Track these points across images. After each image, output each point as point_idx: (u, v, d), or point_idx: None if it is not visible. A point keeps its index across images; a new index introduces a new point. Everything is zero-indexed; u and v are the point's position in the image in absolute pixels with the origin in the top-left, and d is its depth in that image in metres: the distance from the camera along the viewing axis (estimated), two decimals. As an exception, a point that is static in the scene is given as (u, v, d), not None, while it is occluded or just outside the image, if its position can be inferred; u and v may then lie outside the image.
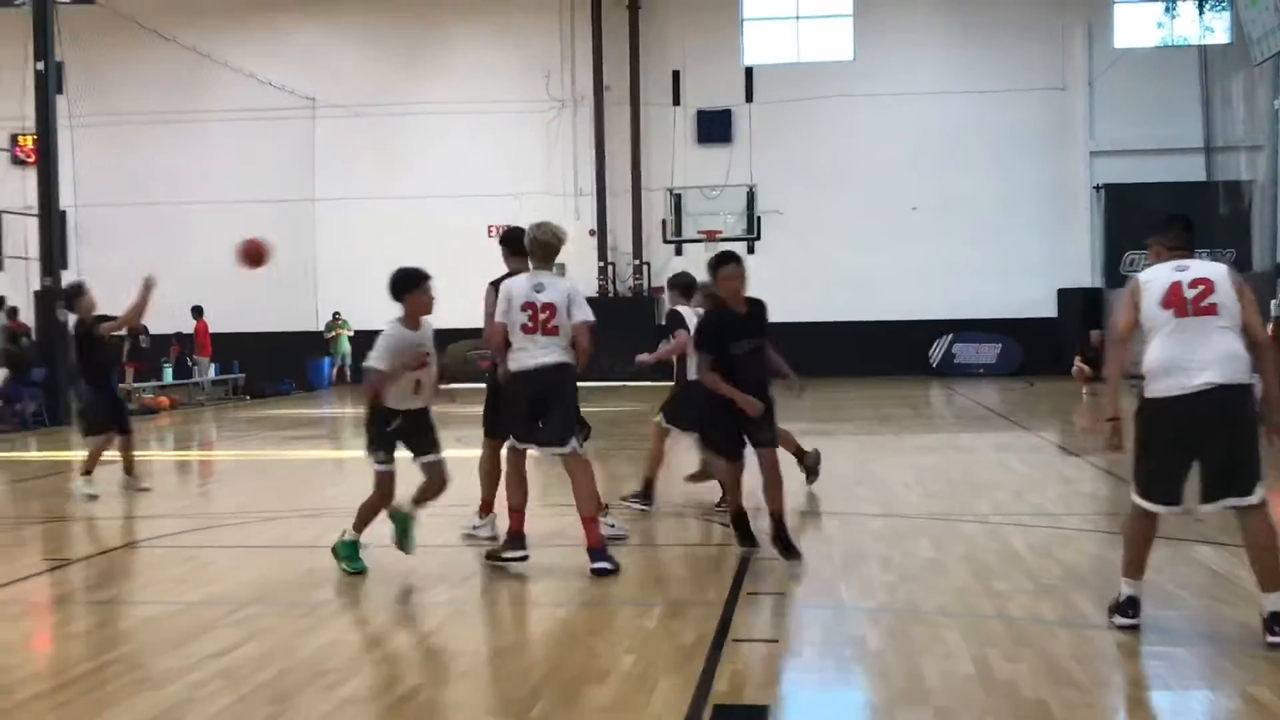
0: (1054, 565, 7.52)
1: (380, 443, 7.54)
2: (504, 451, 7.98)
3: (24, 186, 25.16)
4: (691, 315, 10.11)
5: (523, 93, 30.20)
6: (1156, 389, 5.70)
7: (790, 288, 28.69)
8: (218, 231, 29.95)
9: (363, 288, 31.06)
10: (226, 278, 28.87)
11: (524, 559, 7.65)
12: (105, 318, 11.91)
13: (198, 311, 25.79)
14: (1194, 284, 5.68)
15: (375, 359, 7.32)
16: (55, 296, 20.16)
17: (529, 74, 30.23)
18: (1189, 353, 5.60)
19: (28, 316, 22.58)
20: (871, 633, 6.02)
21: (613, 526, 8.51)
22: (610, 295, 30.10)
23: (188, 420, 22.24)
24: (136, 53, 29.15)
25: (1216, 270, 5.78)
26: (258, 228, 33.11)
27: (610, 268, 30.16)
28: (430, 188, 29.46)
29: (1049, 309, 29.43)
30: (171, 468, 15.69)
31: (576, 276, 29.70)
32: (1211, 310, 5.63)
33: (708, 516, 9.66)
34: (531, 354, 7.48)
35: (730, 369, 7.54)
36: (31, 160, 24.66)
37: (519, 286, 7.63)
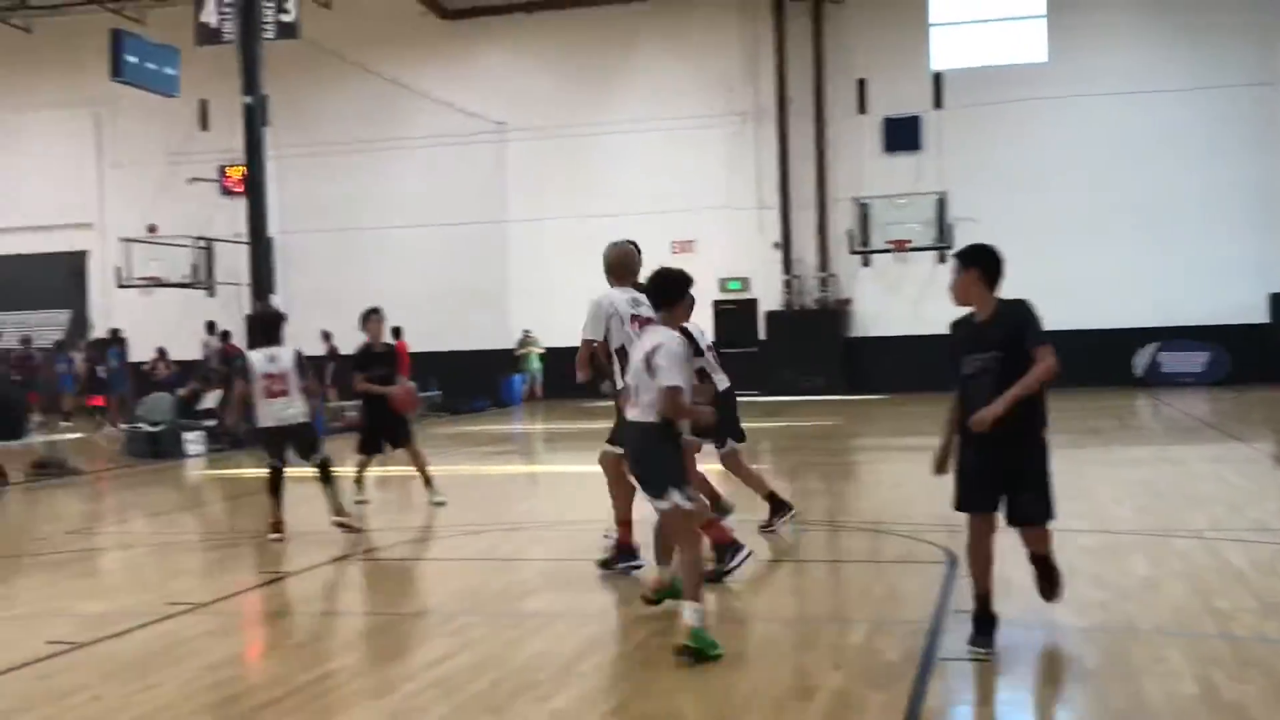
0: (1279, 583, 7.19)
1: (682, 475, 6.21)
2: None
3: (233, 216, 26.45)
4: (694, 329, 9.58)
5: (706, 108, 30.34)
6: None
7: (984, 297, 28.18)
8: (415, 254, 31.13)
9: (552, 305, 31.88)
10: (423, 299, 30.01)
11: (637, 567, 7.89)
12: (383, 352, 12.46)
13: (397, 332, 26.63)
14: None
15: (675, 375, 6.02)
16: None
17: (712, 89, 30.37)
18: None
19: (232, 341, 23.71)
20: (1088, 652, 5.86)
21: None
22: (796, 309, 29.97)
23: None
24: (337, 84, 30.39)
25: None
26: (452, 250, 34.29)
27: (795, 280, 30.02)
28: (616, 206, 29.77)
29: (1259, 314, 28.07)
30: (375, 483, 16.22)
31: (761, 290, 30.10)
32: None
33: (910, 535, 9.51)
34: None
35: (962, 394, 6.00)
36: (239, 190, 25.88)
37: (622, 303, 7.85)
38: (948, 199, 27.76)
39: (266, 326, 10.45)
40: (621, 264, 8.19)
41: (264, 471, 10.21)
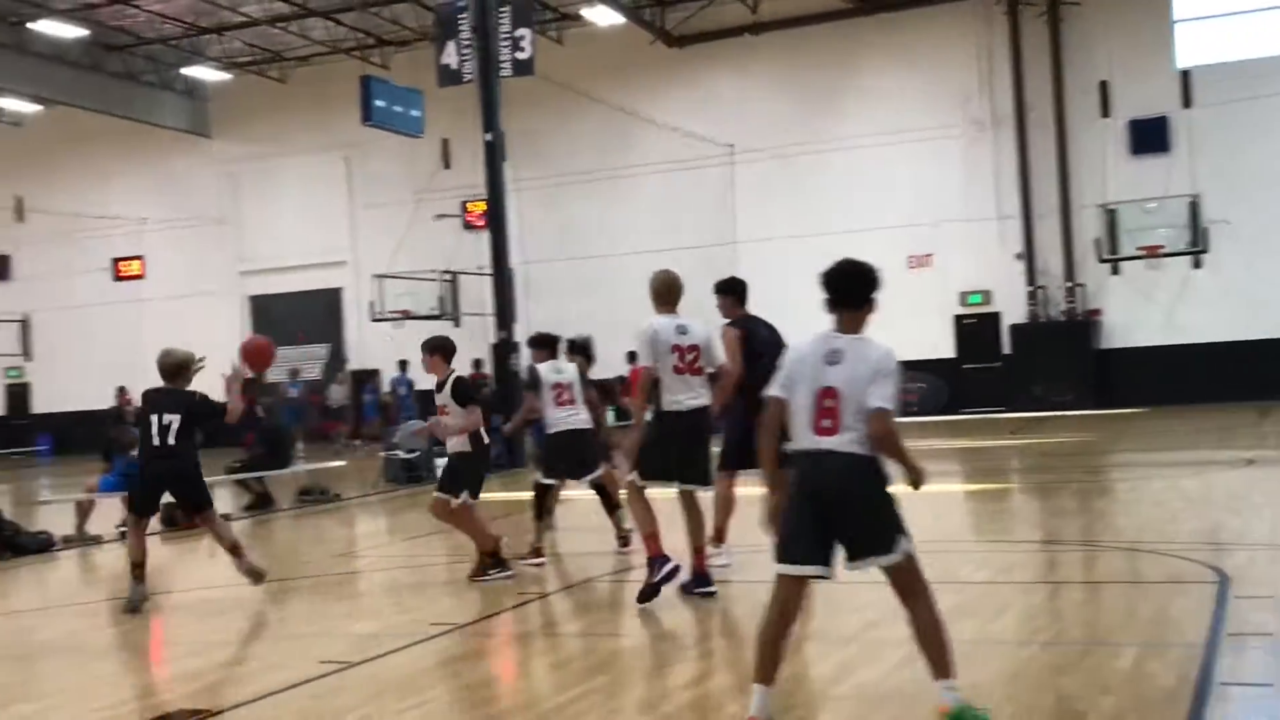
0: None
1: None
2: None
3: (476, 249, 27.37)
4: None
5: (940, 119, 29.69)
6: None
7: (1245, 303, 26.62)
8: (648, 277, 31.53)
9: (784, 321, 31.64)
10: (658, 323, 30.21)
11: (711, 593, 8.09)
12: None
13: (632, 357, 27.00)
14: None
15: (891, 399, 4.95)
16: (509, 349, 21.74)
17: (946, 100, 29.73)
18: None
19: (483, 369, 24.51)
20: (1382, 679, 5.47)
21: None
22: (1042, 320, 29.01)
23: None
24: (571, 116, 31.08)
25: None
26: (684, 270, 34.19)
27: (1040, 291, 29.07)
28: (848, 222, 29.42)
29: None
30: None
31: (1004, 303, 29.22)
32: None
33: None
34: (687, 394, 8.03)
35: None
36: (481, 224, 26.79)
37: (668, 330, 8.13)
38: (1200, 201, 26.42)
39: (544, 343, 11.12)
40: (667, 290, 8.45)
41: (503, 495, 10.53)
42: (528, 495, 11.19)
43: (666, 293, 8.46)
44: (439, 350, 9.80)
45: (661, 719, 5.55)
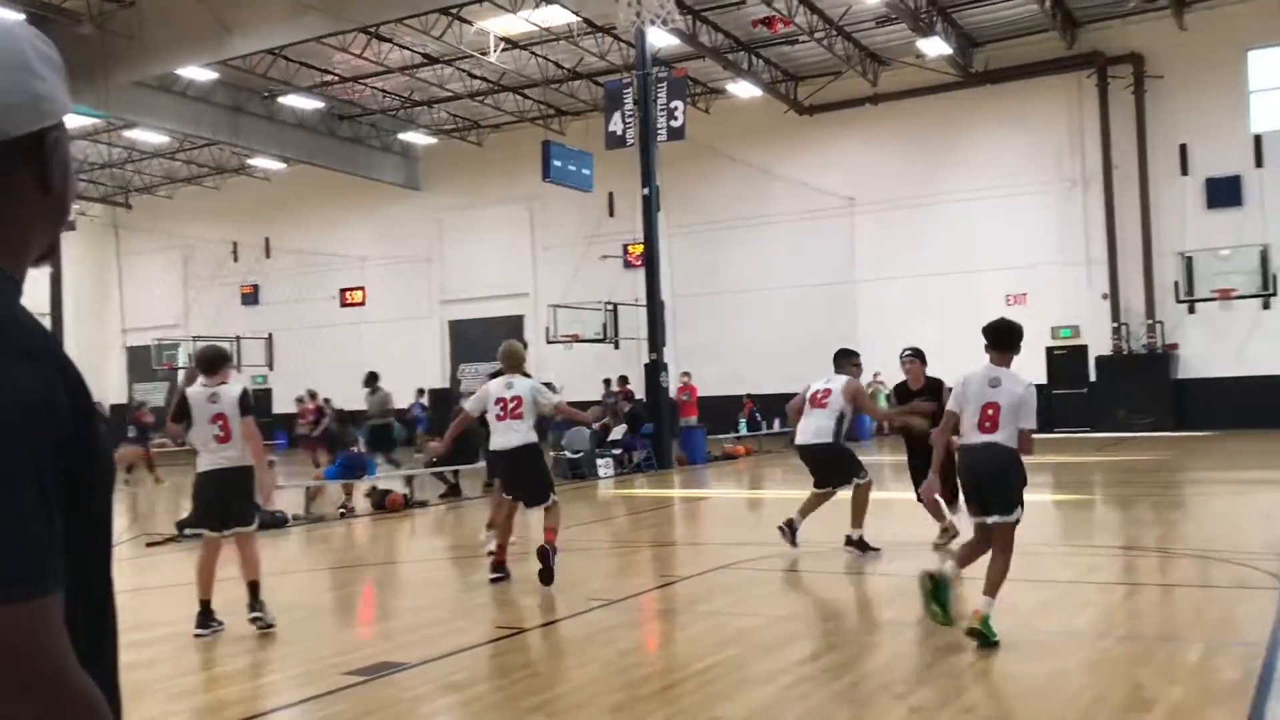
0: None
1: None
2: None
3: (633, 284, 27.62)
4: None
5: (1036, 176, 28.94)
6: None
7: (1313, 342, 25.31)
8: (777, 311, 31.36)
9: (897, 352, 31.06)
10: (784, 349, 30.08)
11: None
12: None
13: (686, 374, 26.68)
14: None
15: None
16: (659, 369, 21.85)
17: (1042, 159, 28.95)
18: None
19: (635, 385, 24.61)
20: None
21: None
22: (1125, 353, 27.98)
23: (760, 465, 23.18)
24: (715, 173, 31.14)
25: None
26: (808, 307, 34.10)
27: (1124, 328, 28.03)
28: (954, 264, 28.93)
29: None
30: (745, 504, 16.39)
31: (1090, 337, 28.24)
32: None
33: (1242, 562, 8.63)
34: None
35: None
36: (638, 264, 26.99)
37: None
38: (1270, 250, 25.17)
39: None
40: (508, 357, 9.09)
41: (650, 492, 10.43)
42: (670, 492, 11.10)
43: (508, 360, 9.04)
44: None
45: (780, 689, 5.48)
